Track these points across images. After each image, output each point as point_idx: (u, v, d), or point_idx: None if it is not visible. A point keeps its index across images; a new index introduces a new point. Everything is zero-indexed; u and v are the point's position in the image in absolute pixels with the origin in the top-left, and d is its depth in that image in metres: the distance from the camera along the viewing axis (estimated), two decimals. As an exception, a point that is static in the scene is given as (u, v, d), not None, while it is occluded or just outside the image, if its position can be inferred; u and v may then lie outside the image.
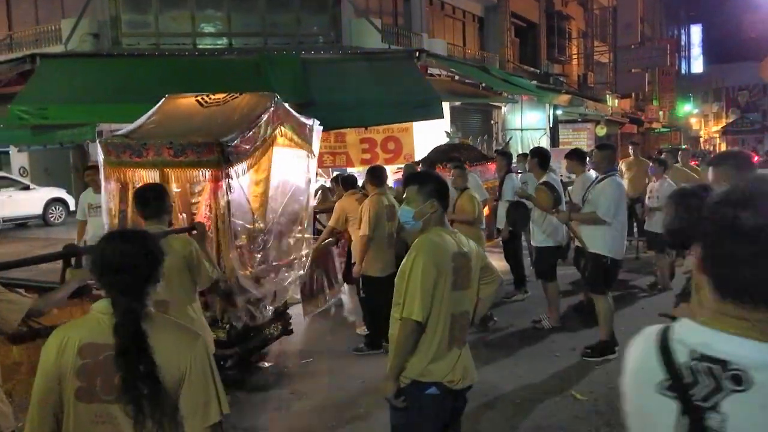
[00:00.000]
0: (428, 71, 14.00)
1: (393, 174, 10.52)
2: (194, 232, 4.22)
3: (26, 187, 16.66)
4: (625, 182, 8.29)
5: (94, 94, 10.09)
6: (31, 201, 16.44)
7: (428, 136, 12.43)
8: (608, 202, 5.61)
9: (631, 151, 10.85)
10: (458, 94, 14.69)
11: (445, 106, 12.37)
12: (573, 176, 7.27)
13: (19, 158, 19.63)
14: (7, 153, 19.59)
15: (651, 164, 8.97)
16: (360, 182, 7.35)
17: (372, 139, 11.88)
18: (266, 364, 5.75)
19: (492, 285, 3.06)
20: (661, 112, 39.73)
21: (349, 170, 12.73)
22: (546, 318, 6.72)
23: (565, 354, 5.95)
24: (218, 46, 14.63)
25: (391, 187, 7.67)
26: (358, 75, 11.78)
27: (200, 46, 14.27)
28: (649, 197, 8.36)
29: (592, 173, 7.16)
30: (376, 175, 6.27)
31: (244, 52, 12.91)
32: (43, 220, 16.49)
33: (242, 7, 14.85)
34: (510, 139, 19.68)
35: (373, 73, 11.87)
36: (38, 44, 14.83)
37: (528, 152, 10.58)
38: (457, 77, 15.34)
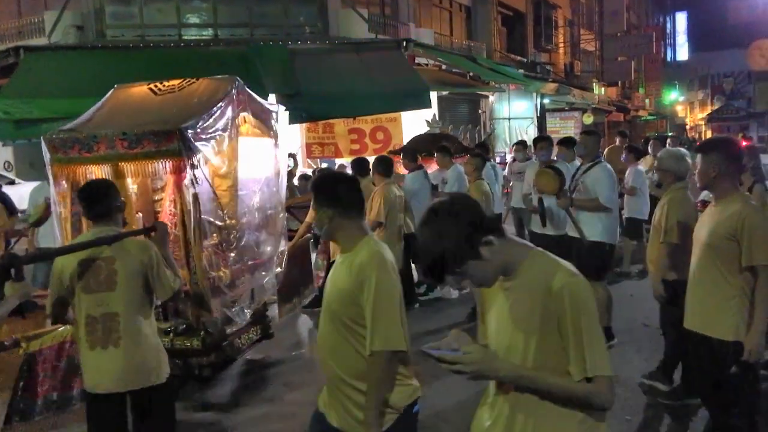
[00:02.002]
0: (416, 61, 13.98)
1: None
2: (153, 234, 3.54)
3: (11, 182, 16.47)
4: None
5: (80, 87, 9.97)
6: (17, 195, 16.26)
7: (413, 125, 12.42)
8: (609, 189, 5.64)
9: (618, 141, 10.91)
10: (446, 83, 14.67)
11: (433, 96, 12.35)
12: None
13: (3, 153, 19.37)
14: (-10, 147, 19.36)
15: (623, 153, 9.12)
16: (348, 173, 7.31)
17: (361, 129, 11.89)
18: (259, 356, 5.74)
19: None
20: (647, 100, 39.91)
21: (338, 161, 12.73)
22: None
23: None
24: (204, 37, 14.48)
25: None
26: (345, 65, 11.74)
27: (186, 37, 14.12)
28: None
29: (577, 161, 7.22)
30: (385, 165, 6.22)
31: (231, 43, 12.81)
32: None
33: (228, -2, 14.71)
34: (494, 130, 19.70)
35: (361, 63, 11.83)
36: (21, 37, 14.60)
37: (518, 141, 10.67)
38: (444, 67, 15.33)
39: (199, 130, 4.28)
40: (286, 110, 9.37)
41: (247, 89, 5.07)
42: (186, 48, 12.42)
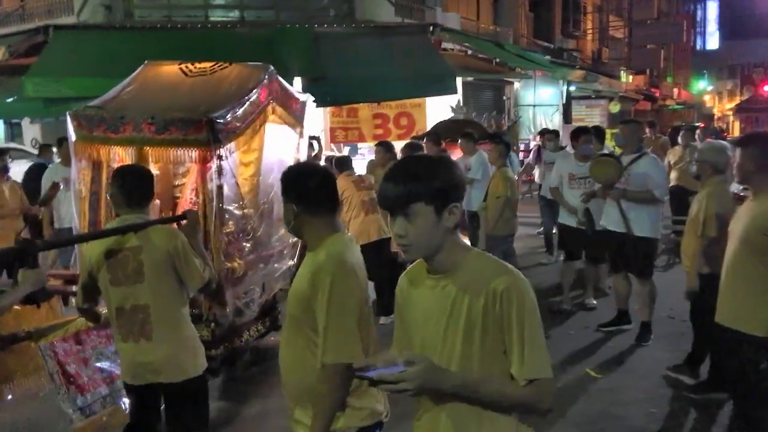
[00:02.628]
0: (442, 46, 13.85)
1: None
2: (184, 222, 3.34)
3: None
4: None
5: (108, 66, 10.02)
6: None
7: (437, 111, 12.34)
8: (662, 181, 5.54)
9: (648, 132, 10.76)
10: (471, 69, 14.54)
11: (458, 82, 12.26)
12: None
13: (31, 130, 19.63)
14: (19, 124, 19.61)
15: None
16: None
17: (385, 114, 11.84)
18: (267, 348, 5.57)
19: None
20: (675, 89, 39.25)
21: (361, 145, 12.71)
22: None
23: (579, 332, 5.97)
24: (230, 19, 14.49)
25: None
26: (371, 49, 11.67)
27: (212, 19, 14.14)
28: None
29: (606, 152, 7.16)
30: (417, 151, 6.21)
31: (257, 26, 12.79)
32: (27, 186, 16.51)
33: (255, -20, 14.68)
34: (519, 117, 19.50)
35: (387, 48, 11.76)
36: (50, 15, 14.69)
37: (546, 129, 10.55)
38: (470, 52, 15.18)
39: (229, 119, 4.17)
40: (307, 94, 9.37)
41: (279, 78, 4.94)
42: (212, 29, 12.45)
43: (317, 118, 12.04)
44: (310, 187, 2.30)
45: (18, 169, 16.30)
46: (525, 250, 8.90)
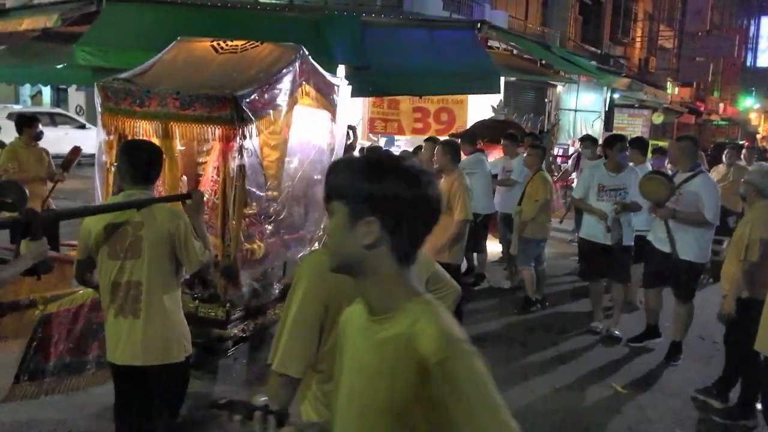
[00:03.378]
0: (488, 43, 13.71)
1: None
2: (188, 201, 3.27)
3: (82, 126, 17.02)
4: None
5: (155, 40, 10.09)
6: (86, 140, 16.80)
7: (478, 109, 12.23)
8: (715, 204, 5.19)
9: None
10: (516, 69, 14.36)
11: (501, 80, 12.13)
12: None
13: (76, 97, 20.04)
14: (66, 90, 20.01)
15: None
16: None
17: (425, 108, 11.78)
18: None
19: (446, 299, 2.35)
20: (721, 105, 38.37)
21: (398, 138, 12.68)
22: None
23: (608, 343, 5.90)
24: (280, 1, 14.56)
25: None
26: (416, 42, 11.59)
27: (263, 0, 14.22)
28: None
29: (649, 166, 6.92)
30: (456, 151, 5.83)
31: (305, 10, 12.81)
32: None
33: (306, -36, 14.73)
34: (558, 121, 19.25)
35: (433, 42, 11.66)
36: (103, -14, 14.94)
37: (587, 136, 10.36)
38: (516, 52, 15.00)
39: (255, 98, 4.08)
40: (349, 84, 9.36)
41: (311, 60, 4.83)
42: (261, 11, 12.49)
43: (357, 107, 12.06)
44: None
45: (61, 134, 16.75)
46: (558, 257, 8.81)
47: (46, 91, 20.94)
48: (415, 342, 1.32)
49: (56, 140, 16.53)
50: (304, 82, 4.68)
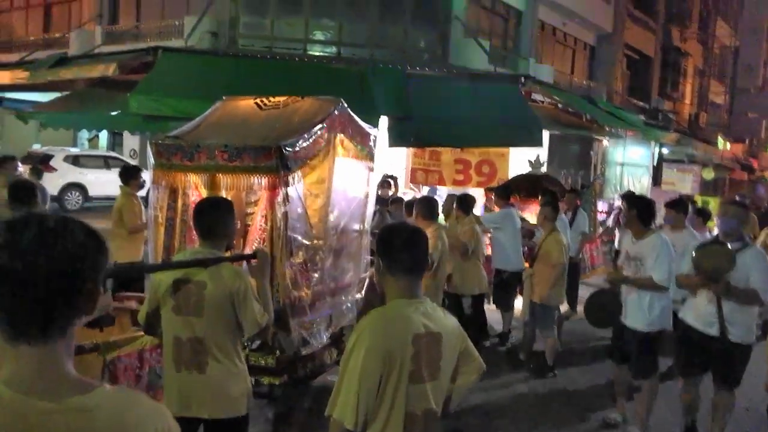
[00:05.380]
0: (531, 96, 13.76)
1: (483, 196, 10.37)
2: (254, 261, 3.29)
3: (134, 170, 17.58)
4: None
5: (206, 89, 10.48)
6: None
7: (520, 162, 12.18)
8: (766, 281, 4.52)
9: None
10: (560, 123, 14.34)
11: (545, 134, 12.09)
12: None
13: (131, 140, 20.81)
14: (121, 134, 20.80)
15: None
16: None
17: (467, 160, 11.79)
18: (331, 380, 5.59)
19: (471, 375, 2.41)
20: (775, 161, 37.33)
21: (440, 189, 12.68)
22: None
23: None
24: (327, 54, 14.98)
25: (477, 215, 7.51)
26: (460, 94, 11.71)
27: (310, 53, 14.66)
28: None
29: (695, 233, 6.40)
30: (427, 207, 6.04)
31: (351, 62, 13.13)
32: (146, 202, 17.37)
33: (354, 18, 15.16)
34: (596, 178, 18.99)
35: (476, 94, 11.76)
36: (161, 37, 15.68)
37: (628, 193, 10.15)
38: (560, 105, 15.00)
39: (297, 148, 4.28)
40: (390, 134, 9.41)
41: (349, 111, 5.06)
42: (309, 63, 12.86)
43: (400, 158, 12.17)
44: (409, 244, 2.31)
45: (113, 177, 17.36)
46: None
47: (103, 135, 21.81)
48: None
49: (108, 183, 17.23)
50: (341, 132, 4.88)
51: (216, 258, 3.07)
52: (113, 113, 10.83)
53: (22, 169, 7.36)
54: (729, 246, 4.57)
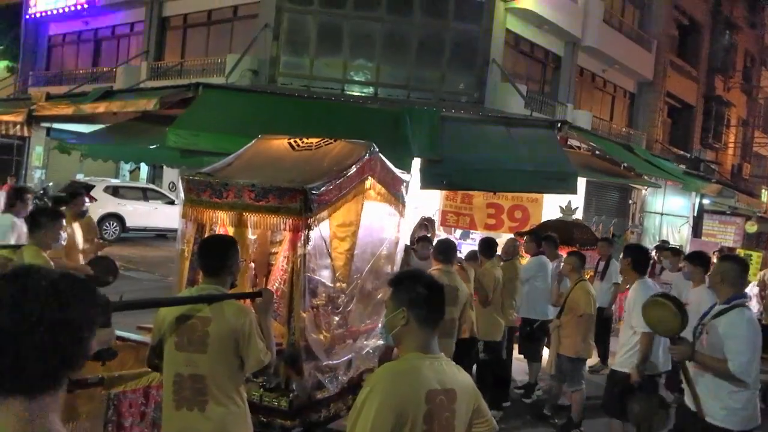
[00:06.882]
0: (568, 142, 13.63)
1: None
2: (258, 299, 3.32)
3: (171, 202, 17.92)
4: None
5: (243, 126, 10.64)
6: (174, 215, 17.66)
7: (553, 208, 12.00)
8: (747, 351, 3.71)
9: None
10: (597, 170, 14.14)
11: (581, 181, 11.92)
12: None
13: (170, 173, 21.22)
14: (161, 167, 21.26)
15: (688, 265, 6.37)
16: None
17: (499, 204, 11.67)
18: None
19: None
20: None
21: (472, 233, 12.54)
22: None
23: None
24: (364, 94, 15.14)
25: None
26: (494, 138, 11.66)
27: (347, 92, 14.84)
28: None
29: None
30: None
31: (388, 102, 13.24)
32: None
33: (392, 60, 15.34)
34: (640, 227, 18.60)
35: (511, 138, 11.70)
36: (203, 74, 16.10)
37: (664, 244, 9.88)
38: (597, 152, 14.82)
39: (324, 191, 4.27)
40: (422, 176, 9.34)
41: (381, 155, 5.05)
42: (346, 102, 13.00)
43: (434, 201, 12.11)
44: (433, 296, 2.26)
45: (151, 209, 17.64)
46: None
47: (144, 167, 22.31)
48: None
49: (146, 214, 17.61)
50: (370, 176, 4.88)
51: (222, 295, 3.06)
52: (152, 146, 11.04)
53: (89, 204, 7.22)
54: (678, 300, 3.93)
